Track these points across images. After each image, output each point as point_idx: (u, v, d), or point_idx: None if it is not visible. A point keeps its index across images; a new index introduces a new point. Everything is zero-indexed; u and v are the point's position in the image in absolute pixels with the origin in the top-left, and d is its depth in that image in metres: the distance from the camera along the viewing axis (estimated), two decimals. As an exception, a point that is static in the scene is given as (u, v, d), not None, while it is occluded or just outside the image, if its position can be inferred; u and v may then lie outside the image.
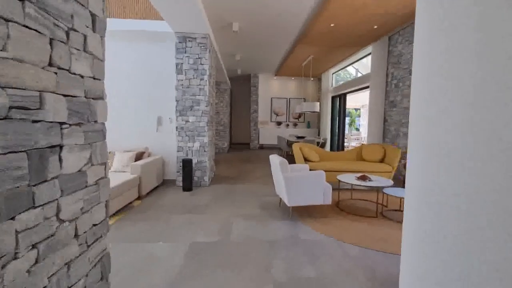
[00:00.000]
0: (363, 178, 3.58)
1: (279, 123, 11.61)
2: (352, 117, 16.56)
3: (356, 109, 16.76)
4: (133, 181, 3.79)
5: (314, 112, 8.42)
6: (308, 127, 11.64)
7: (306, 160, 4.66)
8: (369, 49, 7.06)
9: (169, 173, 5.04)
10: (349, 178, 3.67)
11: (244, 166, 7.00)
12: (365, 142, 11.84)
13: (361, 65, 11.46)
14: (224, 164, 7.39)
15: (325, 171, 4.55)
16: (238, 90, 13.04)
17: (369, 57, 8.41)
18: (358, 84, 7.86)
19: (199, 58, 4.61)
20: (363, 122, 15.95)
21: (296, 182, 3.11)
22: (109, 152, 4.41)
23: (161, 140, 4.97)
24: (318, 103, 7.82)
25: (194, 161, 4.76)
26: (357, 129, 16.57)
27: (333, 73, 10.07)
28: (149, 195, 4.22)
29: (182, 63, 4.60)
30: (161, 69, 4.84)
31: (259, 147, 11.45)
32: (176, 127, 4.71)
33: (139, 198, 4.01)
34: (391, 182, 3.45)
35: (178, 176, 4.76)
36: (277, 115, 11.70)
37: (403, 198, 3.29)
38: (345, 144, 10.52)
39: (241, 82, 12.62)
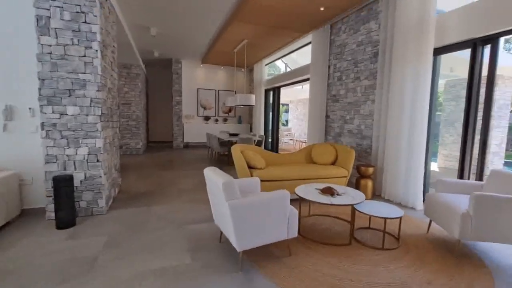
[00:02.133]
0: (328, 192, 2.71)
1: (207, 118, 10.20)
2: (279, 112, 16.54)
3: (283, 104, 16.83)
4: None
5: (248, 106, 7.42)
6: (240, 123, 10.65)
7: (250, 167, 3.56)
8: (306, 39, 6.46)
9: (33, 198, 3.11)
10: (311, 193, 2.74)
11: (164, 174, 5.40)
12: (301, 140, 11.69)
13: (290, 60, 11.20)
14: (136, 171, 5.59)
15: (273, 180, 3.58)
16: (156, 78, 10.90)
17: (300, 52, 7.96)
18: (296, 76, 7.24)
19: (81, 12, 2.86)
20: (291, 117, 16.10)
21: (250, 213, 1.95)
22: None
23: (15, 144, 2.99)
24: (254, 95, 6.85)
25: (79, 177, 3.01)
26: (284, 124, 16.69)
27: (266, 64, 9.30)
28: (-20, 248, 2.32)
29: (48, 17, 2.76)
30: (7, 25, 2.84)
31: (184, 146, 9.78)
32: (42, 124, 2.85)
33: (-50, 259, 2.10)
34: (363, 196, 2.68)
35: (50, 202, 2.92)
36: (204, 108, 10.25)
37: (385, 219, 2.61)
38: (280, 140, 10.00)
39: (159, 68, 10.55)
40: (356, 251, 2.39)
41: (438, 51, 3.51)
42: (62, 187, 2.73)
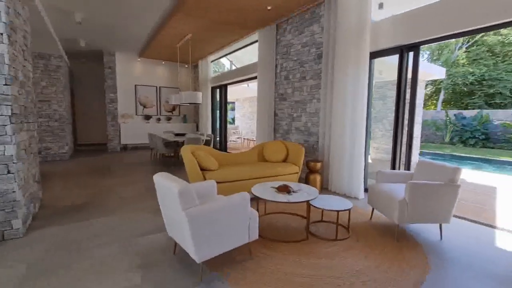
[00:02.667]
0: (284, 190, 2.73)
1: (147, 117, 9.39)
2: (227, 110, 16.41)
3: (230, 102, 16.70)
4: None
5: (195, 104, 7.07)
6: (185, 122, 10.13)
7: (202, 169, 3.36)
8: (253, 37, 6.48)
9: None
10: (267, 192, 2.72)
11: (100, 182, 4.73)
12: (249, 138, 11.71)
13: (236, 58, 11.15)
14: (63, 181, 4.75)
15: (228, 182, 3.45)
16: (84, 72, 9.53)
17: (245, 50, 7.98)
18: (243, 75, 7.19)
19: (-24, -18, 2.22)
20: (238, 115, 16.09)
21: (210, 221, 1.80)
22: None
23: None
24: (201, 93, 6.55)
25: (-18, 194, 2.36)
26: (231, 123, 16.62)
27: (212, 61, 9.02)
28: None
29: None
30: None
31: (121, 148, 8.82)
32: None
33: None
34: (316, 192, 2.78)
35: None
36: (144, 107, 9.42)
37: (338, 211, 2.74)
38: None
39: (88, 60, 9.24)
40: (313, 245, 2.46)
41: (373, 55, 3.89)
42: (-45, 209, 2.09)
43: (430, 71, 6.97)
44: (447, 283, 1.94)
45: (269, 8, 4.69)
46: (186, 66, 9.79)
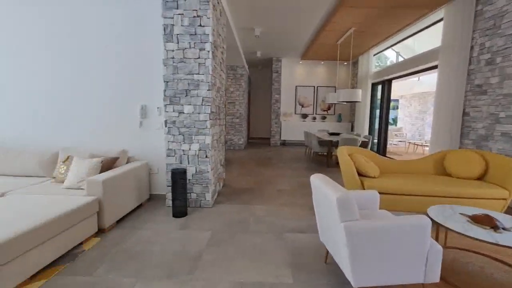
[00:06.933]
0: (487, 222, 1.89)
1: (304, 116, 9.87)
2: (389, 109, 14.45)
3: (392, 100, 14.53)
4: (87, 208, 2.36)
5: (353, 102, 6.63)
6: (339, 121, 9.80)
7: (360, 174, 3.00)
8: (431, 18, 5.13)
9: (158, 185, 3.60)
10: (454, 220, 1.98)
11: (263, 172, 5.43)
12: (416, 142, 9.74)
13: (404, 48, 9.39)
14: (238, 166, 5.87)
15: (390, 194, 2.90)
16: (257, 77, 11.42)
17: (417, 37, 6.41)
18: (414, 66, 5.93)
19: (197, 17, 3.04)
20: (401, 115, 13.76)
21: (373, 242, 1.50)
22: (67, 157, 3.02)
23: (147, 139, 3.51)
24: (360, 90, 6.02)
25: (191, 171, 3.27)
26: (391, 123, 14.41)
27: (374, 55, 8.12)
28: (120, 224, 2.80)
29: (172, 25, 3.06)
30: (143, 35, 3.33)
31: (281, 143, 9.82)
32: (165, 121, 3.22)
33: (100, 232, 2.60)
34: (554, 237, 1.73)
35: (168, 191, 3.30)
36: (302, 106, 9.96)
37: None
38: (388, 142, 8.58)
39: (261, 67, 10.96)
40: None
41: None
42: (178, 179, 3.00)
43: None
44: None
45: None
46: (345, 63, 9.40)
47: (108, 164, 2.96)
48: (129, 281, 1.85)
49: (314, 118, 9.92)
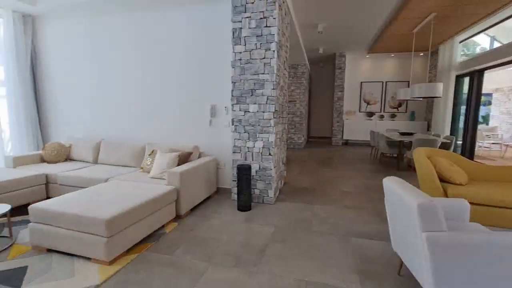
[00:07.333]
0: None
1: (370, 114, 9.16)
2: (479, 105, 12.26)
3: (483, 94, 12.25)
4: (168, 196, 2.70)
5: (431, 97, 5.85)
6: (412, 120, 8.78)
7: (443, 180, 2.64)
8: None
9: (224, 179, 3.85)
10: None
11: (323, 172, 5.26)
12: None
13: (502, 30, 7.78)
14: (298, 165, 5.83)
15: (484, 205, 2.47)
16: (318, 74, 11.09)
17: None
18: (521, 51, 4.88)
19: (264, 18, 3.13)
20: (495, 112, 11.51)
21: (463, 259, 1.31)
22: (152, 151, 3.49)
23: (215, 136, 3.79)
24: (441, 84, 5.26)
25: (255, 167, 3.40)
26: (481, 122, 12.13)
27: (460, 42, 6.98)
28: (193, 212, 3.10)
29: (240, 28, 3.22)
30: (214, 39, 3.59)
31: (343, 143, 9.34)
32: (232, 120, 3.42)
33: (178, 217, 2.93)
34: None
35: (234, 186, 3.51)
36: (368, 103, 9.26)
37: None
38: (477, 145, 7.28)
39: (322, 64, 10.59)
40: None
41: None
42: (243, 174, 3.16)
43: None
44: None
45: None
46: (421, 54, 8.34)
47: (183, 158, 3.31)
48: (204, 264, 2.04)
49: (382, 117, 9.11)
